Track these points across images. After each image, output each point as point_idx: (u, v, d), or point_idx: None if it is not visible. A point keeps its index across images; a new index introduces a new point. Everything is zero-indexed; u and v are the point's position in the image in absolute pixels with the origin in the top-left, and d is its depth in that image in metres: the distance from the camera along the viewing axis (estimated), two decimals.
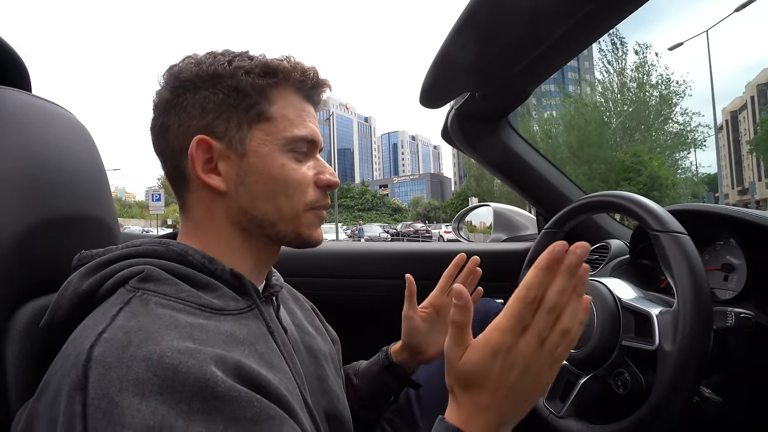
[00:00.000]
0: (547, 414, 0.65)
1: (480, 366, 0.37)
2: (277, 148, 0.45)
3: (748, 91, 56.37)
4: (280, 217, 0.46)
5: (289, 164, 0.46)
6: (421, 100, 0.87)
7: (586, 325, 0.62)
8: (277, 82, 0.46)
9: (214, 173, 0.44)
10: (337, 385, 0.56)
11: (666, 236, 0.55)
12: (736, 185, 60.23)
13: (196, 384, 0.31)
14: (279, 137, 0.45)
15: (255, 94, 0.44)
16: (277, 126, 0.45)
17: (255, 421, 0.33)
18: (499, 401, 0.37)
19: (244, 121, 0.44)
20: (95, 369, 0.30)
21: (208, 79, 0.44)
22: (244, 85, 0.44)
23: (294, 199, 0.46)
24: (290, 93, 0.47)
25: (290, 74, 0.46)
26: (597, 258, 0.99)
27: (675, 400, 0.49)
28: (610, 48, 18.13)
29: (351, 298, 1.16)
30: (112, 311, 0.35)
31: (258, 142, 0.45)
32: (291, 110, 0.46)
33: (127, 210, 54.81)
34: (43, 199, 0.47)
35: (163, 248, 0.43)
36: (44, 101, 0.53)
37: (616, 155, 16.73)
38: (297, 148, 0.46)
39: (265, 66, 0.45)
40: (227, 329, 0.38)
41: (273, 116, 0.45)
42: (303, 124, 0.47)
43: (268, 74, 0.45)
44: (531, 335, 0.37)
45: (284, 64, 0.46)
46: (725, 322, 0.55)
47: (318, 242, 0.50)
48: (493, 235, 1.40)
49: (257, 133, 0.45)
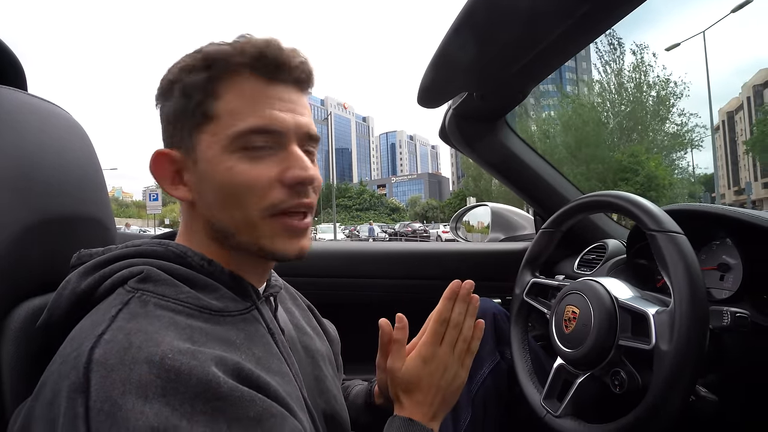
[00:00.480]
0: (544, 413, 0.66)
1: (416, 372, 0.51)
2: (222, 149, 0.40)
3: (745, 92, 56.64)
4: (236, 227, 0.42)
5: (237, 166, 0.40)
6: (419, 100, 0.87)
7: (583, 324, 0.62)
8: (221, 73, 0.41)
9: (182, 184, 0.43)
10: (334, 386, 0.55)
11: (662, 236, 0.56)
12: (733, 185, 60.51)
13: (199, 385, 0.31)
14: (223, 136, 0.40)
15: (197, 93, 0.41)
16: (221, 124, 0.41)
17: (257, 420, 0.33)
18: (431, 398, 0.51)
19: (193, 125, 0.42)
20: (97, 371, 0.30)
21: (166, 88, 0.43)
22: (189, 86, 0.41)
23: (247, 206, 0.41)
24: (243, 80, 0.41)
25: (234, 58, 0.41)
26: (594, 258, 0.99)
27: (671, 399, 0.49)
28: (607, 48, 18.21)
29: (349, 298, 1.16)
30: (111, 312, 0.35)
31: (205, 146, 0.41)
32: (239, 100, 0.41)
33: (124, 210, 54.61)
34: (39, 198, 0.47)
35: (163, 249, 0.42)
36: (40, 100, 0.53)
37: (614, 155, 16.80)
38: (249, 144, 0.40)
39: (205, 58, 0.41)
40: (224, 334, 0.38)
41: (217, 113, 0.41)
42: (255, 113, 0.41)
43: (209, 66, 0.41)
44: (445, 345, 0.53)
45: (223, 50, 0.41)
46: (721, 321, 0.55)
47: (287, 256, 0.43)
48: (490, 234, 1.41)
49: (204, 136, 0.41)
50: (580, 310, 0.64)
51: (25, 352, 0.42)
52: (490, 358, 0.78)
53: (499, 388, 0.76)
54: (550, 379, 0.68)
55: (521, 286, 0.82)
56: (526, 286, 0.81)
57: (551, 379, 0.68)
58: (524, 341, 0.78)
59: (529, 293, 0.81)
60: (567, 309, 0.66)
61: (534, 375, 0.73)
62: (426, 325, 0.64)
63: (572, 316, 0.65)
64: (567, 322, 0.65)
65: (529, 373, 0.74)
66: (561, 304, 0.69)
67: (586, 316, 0.62)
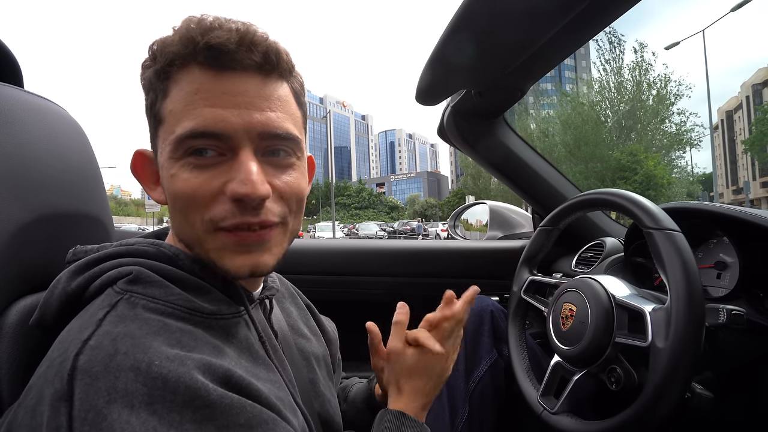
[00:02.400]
0: (540, 410, 0.66)
1: (419, 357, 0.54)
2: (168, 155, 0.37)
3: (744, 91, 56.66)
4: (187, 238, 0.39)
5: (180, 174, 0.36)
6: (418, 98, 0.87)
7: (580, 322, 0.62)
8: (168, 67, 0.36)
9: (158, 184, 0.41)
10: (328, 390, 0.55)
11: (660, 234, 0.56)
12: (731, 185, 60.61)
13: (187, 393, 0.30)
14: (167, 142, 0.37)
15: (150, 92, 0.38)
16: (166, 128, 0.37)
17: (248, 426, 0.33)
18: (429, 387, 0.54)
19: (151, 127, 0.39)
20: (81, 379, 0.29)
21: (143, 86, 0.40)
22: (144, 84, 0.38)
23: (190, 218, 0.37)
24: (191, 74, 0.36)
25: (175, 51, 0.35)
26: (592, 256, 1.00)
27: (667, 396, 0.49)
28: (607, 47, 18.18)
29: (348, 295, 1.16)
30: (99, 315, 0.34)
31: (159, 151, 0.39)
32: (181, 100, 0.36)
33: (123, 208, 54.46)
34: (36, 196, 0.47)
35: (154, 249, 0.41)
36: (37, 97, 0.53)
37: (613, 154, 16.81)
38: (188, 150, 0.36)
39: (156, 52, 0.36)
40: (215, 339, 0.37)
41: (164, 115, 0.37)
42: (190, 114, 0.35)
43: (159, 59, 0.36)
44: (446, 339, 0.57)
45: (168, 40, 0.36)
46: (717, 319, 0.56)
47: (237, 274, 0.38)
48: (488, 232, 1.41)
49: (158, 140, 0.39)
50: (577, 308, 0.64)
51: (21, 351, 0.42)
52: (487, 356, 0.78)
53: (497, 385, 0.76)
54: (547, 376, 0.68)
55: (519, 283, 0.82)
56: (524, 284, 0.81)
57: (548, 377, 0.68)
58: (522, 339, 0.78)
59: (527, 291, 0.81)
60: (564, 306, 0.66)
61: (531, 372, 0.74)
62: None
63: (569, 313, 0.65)
64: (564, 319, 0.66)
65: (526, 370, 0.74)
66: (558, 301, 0.69)
67: (583, 314, 0.62)
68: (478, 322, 0.80)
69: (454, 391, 0.74)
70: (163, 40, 0.36)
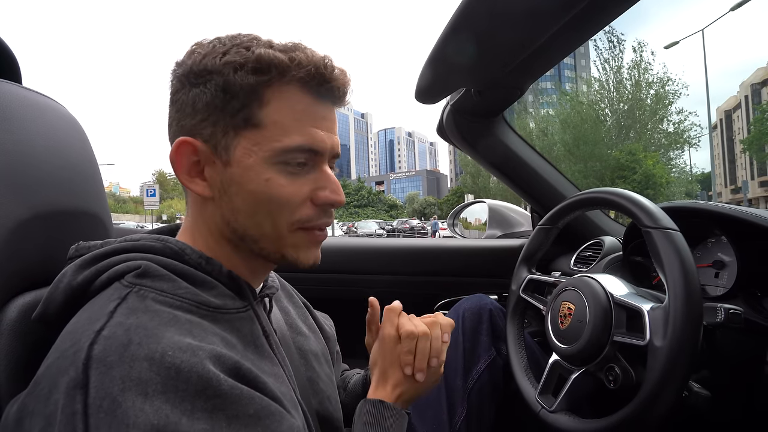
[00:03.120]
0: (539, 409, 0.66)
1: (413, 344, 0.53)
2: (263, 160, 0.40)
3: (743, 91, 56.73)
4: (261, 234, 0.42)
5: (276, 179, 0.40)
6: (417, 96, 0.87)
7: (579, 320, 0.62)
8: (270, 80, 0.39)
9: (200, 177, 0.42)
10: (329, 386, 0.55)
11: (658, 233, 0.56)
12: (729, 184, 60.74)
13: (199, 382, 0.31)
14: (266, 148, 0.40)
15: (243, 96, 0.39)
16: (265, 134, 0.40)
17: (257, 417, 0.34)
18: (416, 386, 0.53)
19: (230, 127, 0.40)
20: (96, 368, 0.30)
21: (199, 74, 0.40)
22: (232, 85, 0.39)
23: (278, 217, 0.41)
24: (291, 91, 0.40)
25: (288, 69, 0.39)
26: (591, 255, 1.00)
27: (665, 395, 0.50)
28: (607, 46, 18.18)
29: (346, 294, 1.16)
30: (109, 307, 0.35)
31: (242, 152, 0.40)
32: (287, 114, 0.40)
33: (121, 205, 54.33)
34: (34, 192, 0.47)
35: (161, 245, 0.42)
36: (35, 93, 0.53)
37: (612, 153, 16.83)
38: (290, 160, 0.41)
39: (257, 60, 0.39)
40: (222, 332, 0.38)
41: (262, 122, 0.40)
42: (301, 131, 0.40)
43: (260, 70, 0.39)
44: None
45: (280, 57, 0.39)
46: (715, 317, 0.56)
47: (307, 266, 0.45)
48: (487, 231, 1.41)
49: (243, 141, 0.40)
50: (575, 307, 0.64)
51: (20, 346, 0.42)
52: (486, 354, 0.78)
53: (495, 384, 0.77)
54: (545, 374, 0.68)
55: (518, 282, 0.83)
56: (523, 283, 0.81)
57: (546, 375, 0.68)
58: (520, 337, 0.78)
59: (526, 289, 0.81)
60: (563, 305, 0.67)
61: (529, 371, 0.74)
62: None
63: (568, 312, 0.65)
64: (563, 318, 0.66)
65: (524, 368, 0.74)
66: (557, 300, 0.69)
67: (582, 313, 0.62)
68: (477, 321, 0.80)
69: (453, 390, 0.74)
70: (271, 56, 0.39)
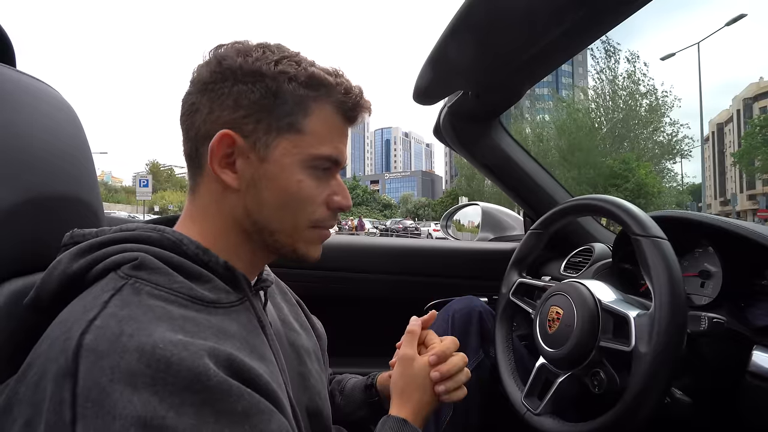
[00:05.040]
0: (524, 411, 0.67)
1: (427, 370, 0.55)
2: (299, 162, 0.44)
3: (735, 105, 57.60)
4: (281, 228, 0.46)
5: (306, 181, 0.45)
6: (415, 97, 0.87)
7: (566, 325, 0.63)
8: (318, 96, 0.44)
9: (230, 169, 0.43)
10: (319, 382, 0.56)
11: (647, 241, 0.57)
12: (719, 196, 61.60)
13: (188, 376, 0.31)
14: (304, 152, 0.44)
15: (293, 103, 0.43)
16: (305, 140, 0.44)
17: (245, 414, 0.34)
18: (436, 402, 0.55)
19: (274, 128, 0.43)
20: (86, 357, 0.30)
21: (249, 74, 0.42)
22: (284, 92, 0.43)
23: (300, 215, 0.46)
24: (328, 109, 0.45)
25: (333, 90, 0.45)
26: (581, 261, 1.01)
27: (647, 400, 0.50)
28: (603, 55, 18.36)
29: (339, 292, 1.16)
30: (104, 297, 0.35)
31: (282, 152, 0.43)
32: (324, 127, 0.45)
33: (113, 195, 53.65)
34: (26, 177, 0.46)
35: (158, 235, 0.41)
36: (29, 77, 0.52)
37: (605, 161, 17.01)
38: (319, 165, 0.45)
39: (310, 77, 0.44)
40: (218, 323, 0.38)
41: (304, 129, 0.44)
42: (332, 144, 0.46)
43: (311, 86, 0.44)
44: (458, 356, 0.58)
45: (329, 79, 0.44)
46: (699, 326, 0.57)
47: (314, 259, 0.49)
48: (480, 234, 1.42)
49: (284, 142, 0.43)
50: (563, 311, 0.65)
51: (8, 333, 0.41)
52: (474, 356, 0.79)
53: (482, 386, 0.77)
54: (532, 377, 0.69)
55: (508, 285, 0.83)
56: (513, 286, 0.82)
57: (533, 378, 0.69)
58: (508, 340, 0.79)
59: (516, 293, 0.82)
60: (551, 309, 0.67)
61: (516, 373, 0.74)
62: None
63: (556, 316, 0.66)
64: (551, 322, 0.66)
65: (511, 371, 0.75)
66: (546, 304, 0.70)
67: (570, 317, 0.63)
68: (466, 323, 0.81)
69: None
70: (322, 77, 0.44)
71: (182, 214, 0.48)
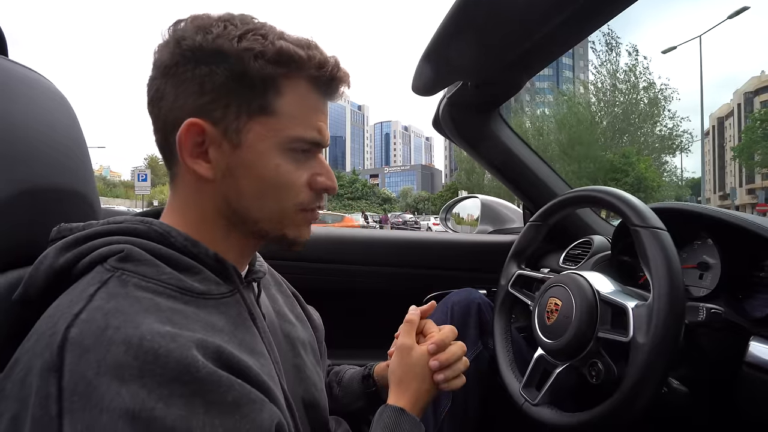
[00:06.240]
0: (522, 402, 0.67)
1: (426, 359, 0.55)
2: (275, 145, 0.41)
3: (736, 99, 57.39)
4: (263, 217, 0.44)
5: (284, 165, 0.42)
6: (414, 87, 0.86)
7: (565, 316, 0.63)
8: (289, 73, 0.41)
9: (203, 158, 0.41)
10: (315, 374, 0.55)
11: (646, 231, 0.56)
12: (718, 190, 61.62)
13: (177, 368, 0.31)
14: (280, 135, 0.41)
15: (261, 83, 0.40)
16: (280, 122, 0.41)
17: (236, 405, 0.33)
18: (434, 391, 0.55)
19: (244, 111, 0.40)
20: (72, 351, 0.30)
21: (211, 54, 0.39)
22: (251, 71, 0.39)
23: (282, 201, 0.44)
24: (302, 85, 0.42)
25: (306, 64, 0.41)
26: (580, 253, 1.01)
27: (644, 391, 0.51)
28: (604, 49, 18.26)
29: (335, 283, 1.16)
30: (89, 291, 0.34)
31: (255, 137, 0.41)
32: (299, 106, 0.42)
33: (111, 189, 53.52)
34: (19, 169, 0.46)
35: (145, 227, 0.41)
36: (23, 67, 0.51)
37: (605, 155, 16.99)
38: (297, 147, 0.43)
39: (278, 52, 0.39)
40: (206, 317, 0.38)
41: (278, 110, 0.41)
42: (310, 123, 0.43)
43: (280, 62, 0.40)
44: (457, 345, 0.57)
45: (300, 53, 0.40)
46: (696, 316, 0.57)
47: (302, 242, 0.47)
48: (479, 226, 1.42)
49: (256, 126, 0.41)
50: (562, 303, 0.65)
51: (7, 326, 0.41)
52: (472, 348, 0.79)
53: (480, 377, 0.77)
54: (530, 368, 0.69)
55: (507, 277, 0.83)
56: (512, 278, 0.82)
57: (531, 369, 0.69)
58: (507, 332, 0.79)
59: (514, 285, 0.82)
60: (550, 301, 0.67)
61: (514, 365, 0.75)
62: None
63: (555, 308, 0.66)
64: (549, 313, 0.67)
65: (509, 362, 0.75)
66: (544, 295, 0.70)
67: (568, 308, 0.63)
68: (465, 315, 0.81)
69: None
70: (292, 50, 0.40)
71: (165, 207, 0.46)
